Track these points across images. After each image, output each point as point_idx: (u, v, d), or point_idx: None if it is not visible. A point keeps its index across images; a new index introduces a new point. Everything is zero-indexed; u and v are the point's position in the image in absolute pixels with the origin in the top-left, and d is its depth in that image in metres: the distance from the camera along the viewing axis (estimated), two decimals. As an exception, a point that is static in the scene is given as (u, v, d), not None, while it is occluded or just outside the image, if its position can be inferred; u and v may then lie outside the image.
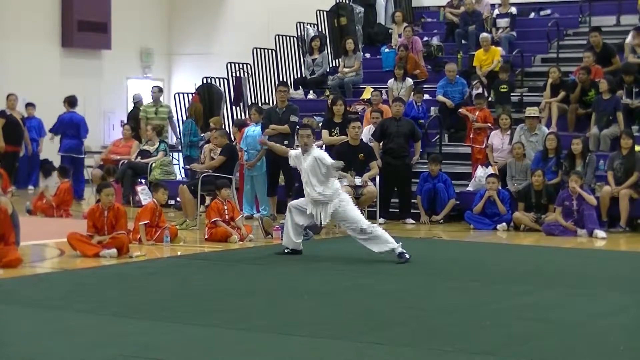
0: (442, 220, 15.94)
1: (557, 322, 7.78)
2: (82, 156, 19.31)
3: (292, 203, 11.72)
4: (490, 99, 18.37)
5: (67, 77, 23.49)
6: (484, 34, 19.52)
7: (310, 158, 11.27)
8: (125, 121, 20.73)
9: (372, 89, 18.43)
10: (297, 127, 14.89)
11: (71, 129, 19.02)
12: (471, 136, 17.21)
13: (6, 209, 10.45)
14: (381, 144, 15.75)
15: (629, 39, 18.01)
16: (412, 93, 18.19)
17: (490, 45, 19.22)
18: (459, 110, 17.81)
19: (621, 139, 15.31)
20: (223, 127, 18.01)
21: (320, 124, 16.88)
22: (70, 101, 19.21)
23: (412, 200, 16.35)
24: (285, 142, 15.31)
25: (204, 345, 6.67)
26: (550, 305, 8.88)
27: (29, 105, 20.64)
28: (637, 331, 7.56)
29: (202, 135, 18.25)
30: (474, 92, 18.23)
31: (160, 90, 21.30)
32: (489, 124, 17.16)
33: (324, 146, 14.71)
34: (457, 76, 18.59)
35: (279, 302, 8.67)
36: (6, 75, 22.21)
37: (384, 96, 18.19)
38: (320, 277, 10.42)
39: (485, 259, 12.46)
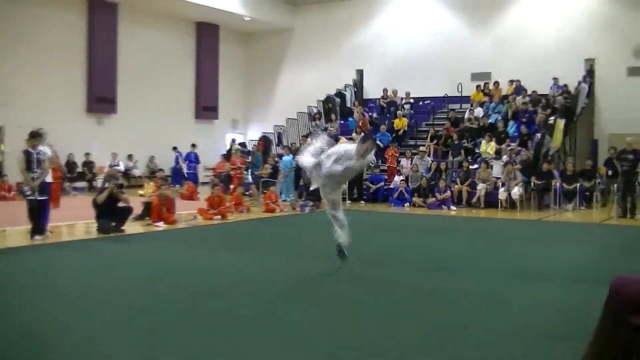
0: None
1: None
2: None
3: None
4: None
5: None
6: (399, 112, 28.27)
7: None
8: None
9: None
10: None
11: None
12: (387, 158, 23.98)
13: None
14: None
15: (467, 114, 26.27)
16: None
17: (402, 117, 27.58)
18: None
19: (463, 163, 22.95)
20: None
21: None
22: None
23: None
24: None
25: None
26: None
27: None
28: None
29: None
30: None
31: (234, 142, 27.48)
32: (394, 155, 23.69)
33: None
34: (387, 132, 26.38)
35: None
36: None
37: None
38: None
39: (401, 223, 16.55)
